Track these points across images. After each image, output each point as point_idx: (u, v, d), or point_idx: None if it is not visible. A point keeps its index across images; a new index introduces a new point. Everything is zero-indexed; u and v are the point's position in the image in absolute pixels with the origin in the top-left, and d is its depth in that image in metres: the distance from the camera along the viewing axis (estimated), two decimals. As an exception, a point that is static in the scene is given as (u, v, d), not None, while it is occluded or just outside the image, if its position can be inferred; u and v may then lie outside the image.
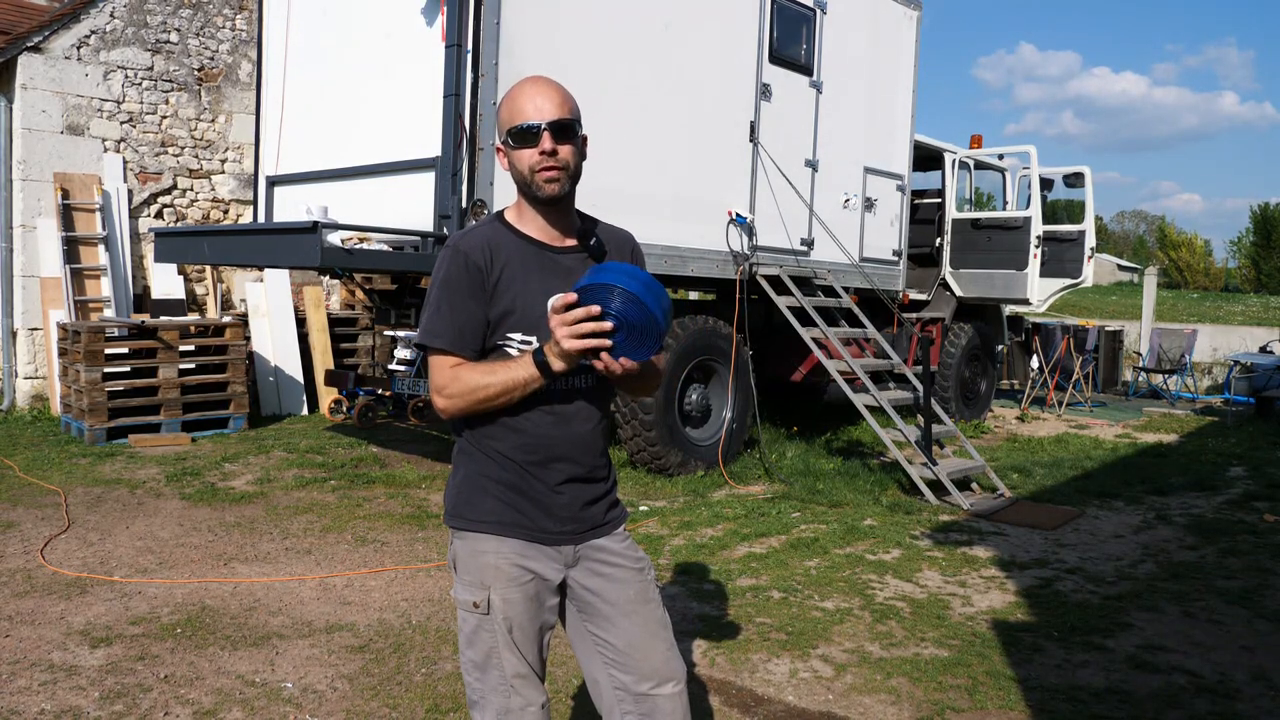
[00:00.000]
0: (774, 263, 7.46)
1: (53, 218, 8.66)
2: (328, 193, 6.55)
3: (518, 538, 1.94)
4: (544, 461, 1.94)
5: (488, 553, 1.94)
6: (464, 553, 1.97)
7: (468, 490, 1.97)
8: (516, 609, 1.93)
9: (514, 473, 1.94)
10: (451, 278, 1.89)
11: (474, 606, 1.94)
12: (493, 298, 1.90)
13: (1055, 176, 10.23)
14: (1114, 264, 50.49)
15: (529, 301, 1.90)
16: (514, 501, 1.94)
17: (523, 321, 1.91)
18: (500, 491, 1.94)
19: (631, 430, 6.73)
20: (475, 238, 1.92)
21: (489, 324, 1.90)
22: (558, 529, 1.97)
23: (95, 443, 7.33)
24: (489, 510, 1.95)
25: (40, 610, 3.99)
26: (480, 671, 1.95)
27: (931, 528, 5.72)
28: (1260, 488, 7.12)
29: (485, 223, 1.99)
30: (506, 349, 1.91)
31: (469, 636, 1.96)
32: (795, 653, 3.75)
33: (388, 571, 4.64)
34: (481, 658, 1.95)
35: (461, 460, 2.00)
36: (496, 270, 1.90)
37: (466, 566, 1.96)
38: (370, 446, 7.62)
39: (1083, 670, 3.65)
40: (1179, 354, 12.88)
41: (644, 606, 2.03)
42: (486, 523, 1.94)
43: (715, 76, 6.94)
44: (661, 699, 2.00)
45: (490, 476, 1.95)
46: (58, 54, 8.75)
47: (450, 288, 1.89)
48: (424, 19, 5.80)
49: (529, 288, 1.91)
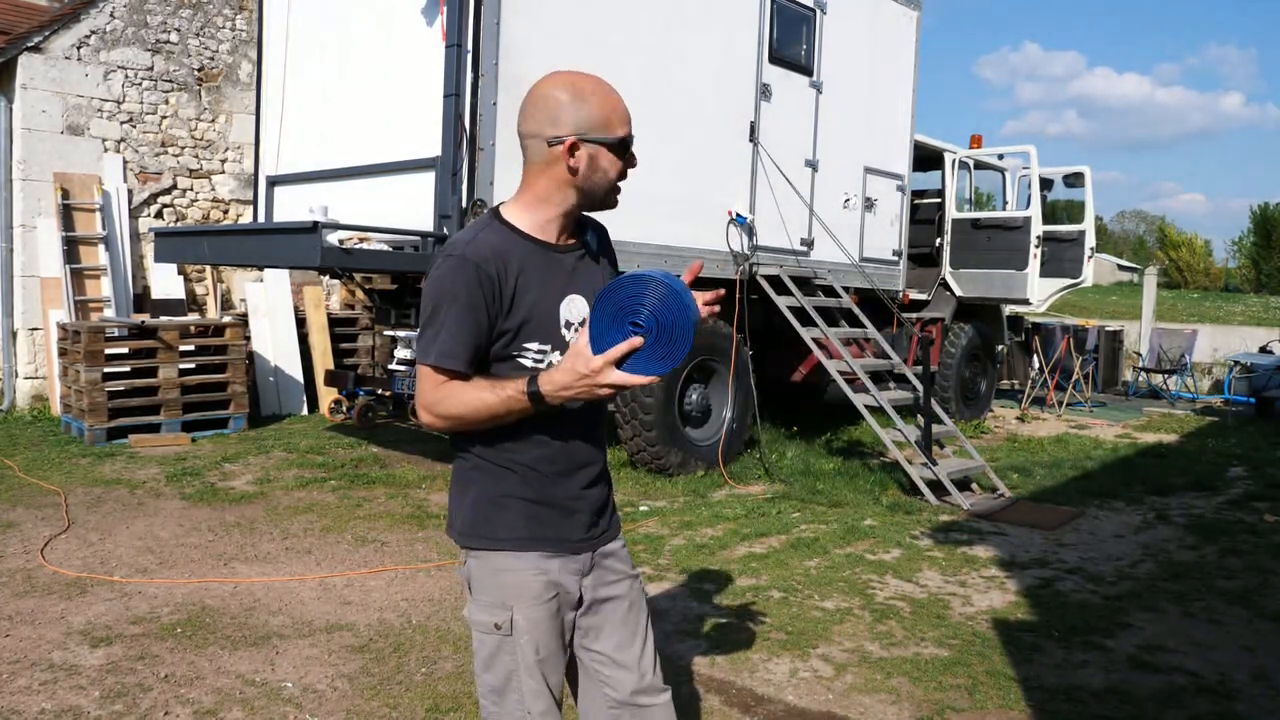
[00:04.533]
0: (774, 263, 7.46)
1: (53, 218, 8.66)
2: (328, 193, 6.55)
3: (540, 550, 1.86)
4: (567, 470, 1.88)
5: (509, 570, 1.85)
6: (483, 572, 1.87)
7: (485, 508, 1.87)
8: (541, 629, 1.85)
9: (538, 484, 1.85)
10: (461, 291, 1.75)
11: (494, 628, 1.85)
12: (511, 309, 1.78)
13: (1055, 176, 10.23)
14: (1114, 264, 50.46)
15: (545, 308, 1.83)
16: (537, 514, 1.86)
17: (539, 330, 1.82)
18: (522, 506, 1.85)
19: (631, 430, 6.73)
20: (483, 246, 1.78)
21: (503, 334, 1.80)
22: (580, 536, 1.91)
23: (95, 443, 7.33)
24: (510, 526, 1.85)
25: (40, 610, 3.99)
26: (498, 696, 1.87)
27: (931, 528, 5.73)
28: (1260, 488, 7.12)
29: (484, 225, 1.84)
30: (520, 360, 1.82)
31: (487, 660, 1.87)
32: (795, 653, 3.75)
33: (388, 571, 4.64)
34: (500, 682, 1.86)
35: (474, 476, 1.88)
36: (512, 279, 1.78)
37: (485, 586, 1.87)
38: (370, 446, 7.62)
39: (1083, 670, 3.65)
40: (1179, 354, 12.89)
41: (636, 615, 2.00)
42: (508, 540, 1.85)
43: (715, 76, 6.94)
44: (656, 709, 1.97)
45: (511, 492, 1.85)
46: (58, 54, 8.75)
47: (460, 303, 1.75)
48: (424, 19, 5.81)
49: (543, 294, 1.82)
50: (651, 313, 1.67)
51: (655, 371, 1.69)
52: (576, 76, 1.82)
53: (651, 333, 1.67)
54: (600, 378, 1.68)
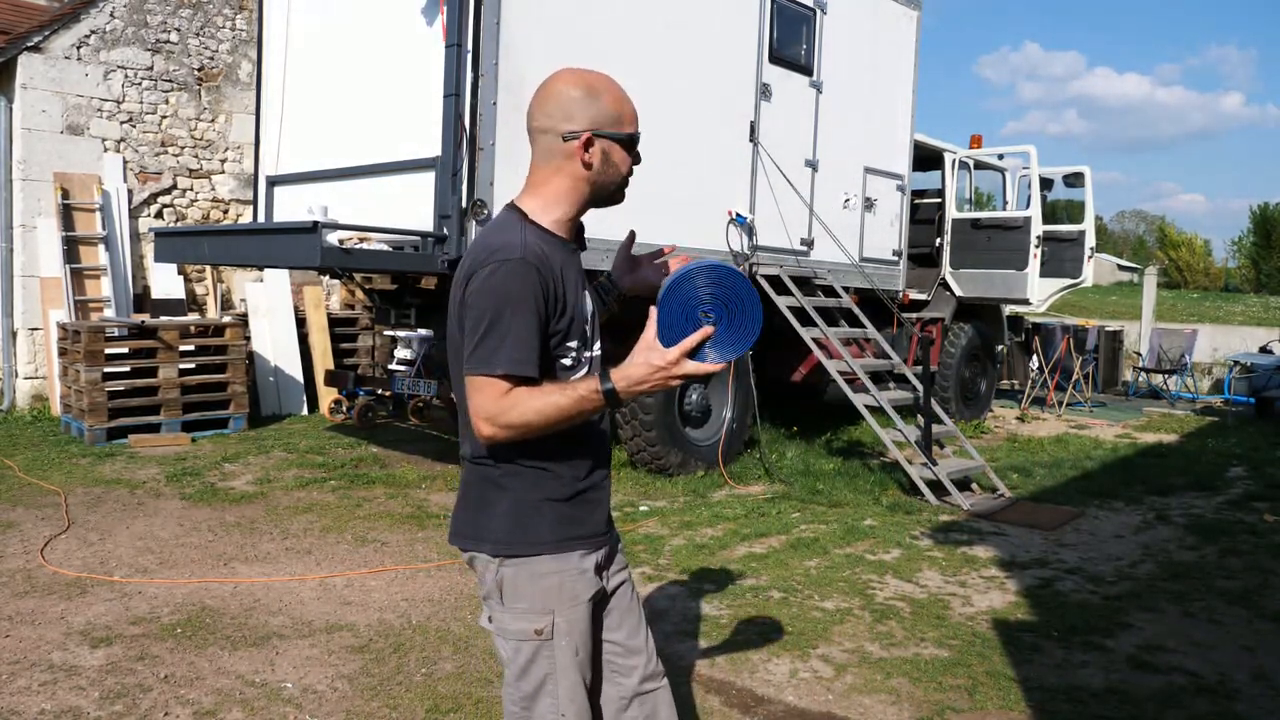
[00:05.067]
0: (774, 263, 7.46)
1: (53, 217, 8.66)
2: (328, 193, 6.55)
3: (579, 549, 1.87)
4: (597, 464, 1.92)
5: (552, 574, 1.84)
6: (520, 578, 1.84)
7: (523, 515, 1.83)
8: (579, 629, 1.86)
9: (572, 482, 1.86)
10: (527, 295, 1.70)
11: (535, 634, 1.83)
12: (562, 310, 1.78)
13: (1055, 176, 10.23)
14: (1114, 264, 50.45)
15: (581, 307, 1.84)
16: (572, 514, 1.86)
17: (577, 328, 1.83)
18: (560, 507, 1.85)
19: (631, 430, 6.73)
20: (534, 247, 1.74)
21: (554, 335, 1.78)
22: (605, 529, 1.95)
23: (95, 443, 7.33)
24: (551, 529, 1.84)
25: (40, 610, 3.99)
26: (529, 702, 1.86)
27: (931, 528, 5.72)
28: (1260, 488, 7.12)
29: (517, 224, 1.81)
30: (562, 360, 1.81)
31: (523, 667, 1.84)
32: (795, 653, 3.75)
33: (388, 571, 4.64)
34: (534, 688, 1.85)
35: (508, 483, 1.84)
36: (561, 280, 1.78)
37: (522, 594, 1.84)
38: (370, 446, 7.62)
39: (1083, 670, 3.65)
40: (1179, 354, 12.88)
41: (637, 602, 2.06)
42: (549, 543, 1.84)
43: (715, 76, 6.94)
44: (661, 692, 2.02)
45: (550, 495, 1.84)
46: (58, 54, 8.75)
47: (526, 307, 1.70)
48: (424, 19, 5.80)
49: (578, 293, 1.83)
50: (721, 300, 1.71)
51: (729, 357, 1.75)
52: (587, 74, 1.85)
53: (722, 320, 1.72)
54: (675, 369, 1.71)
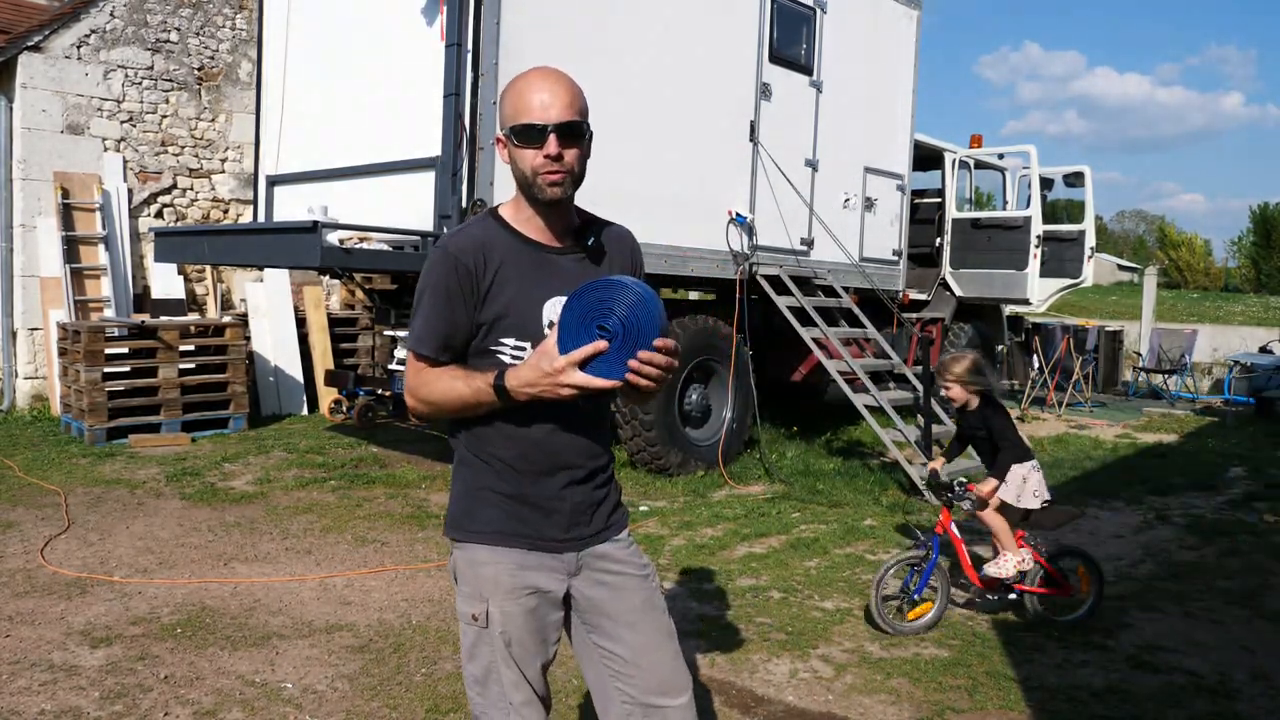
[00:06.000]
0: (774, 262, 7.46)
1: (53, 217, 8.66)
2: (328, 193, 6.55)
3: (519, 547, 1.89)
4: (546, 469, 1.88)
5: (486, 564, 1.88)
6: (462, 564, 1.92)
7: (467, 500, 1.92)
8: (515, 623, 1.87)
9: (515, 482, 1.88)
10: (439, 282, 1.82)
11: (473, 619, 1.88)
12: (485, 301, 1.83)
13: (1055, 176, 10.24)
14: (1114, 264, 50.44)
15: (524, 306, 1.84)
16: (515, 511, 1.88)
17: (516, 326, 1.84)
18: (501, 501, 1.89)
19: (631, 430, 6.73)
20: (466, 238, 1.85)
21: (480, 326, 1.84)
22: (561, 536, 1.91)
23: (95, 443, 7.32)
24: (489, 520, 1.89)
25: (40, 610, 3.99)
26: (481, 687, 1.91)
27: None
28: (1260, 488, 7.12)
29: (479, 220, 1.91)
30: (499, 354, 1.85)
31: (469, 650, 1.91)
32: (795, 653, 3.75)
33: (388, 571, 4.64)
34: (482, 673, 1.90)
35: (461, 470, 1.95)
36: (490, 273, 1.82)
37: (465, 578, 1.91)
38: (370, 446, 7.62)
39: (1083, 670, 3.65)
40: (1179, 354, 12.88)
41: (649, 615, 1.96)
42: (485, 533, 1.89)
43: (715, 76, 6.94)
44: (671, 711, 1.94)
45: (490, 487, 1.89)
46: (58, 53, 8.75)
47: (438, 292, 1.82)
48: (424, 19, 5.81)
49: (524, 291, 1.84)
50: (619, 318, 1.66)
51: (617, 376, 1.68)
52: (525, 73, 1.84)
53: (617, 337, 1.66)
54: (562, 378, 1.70)
